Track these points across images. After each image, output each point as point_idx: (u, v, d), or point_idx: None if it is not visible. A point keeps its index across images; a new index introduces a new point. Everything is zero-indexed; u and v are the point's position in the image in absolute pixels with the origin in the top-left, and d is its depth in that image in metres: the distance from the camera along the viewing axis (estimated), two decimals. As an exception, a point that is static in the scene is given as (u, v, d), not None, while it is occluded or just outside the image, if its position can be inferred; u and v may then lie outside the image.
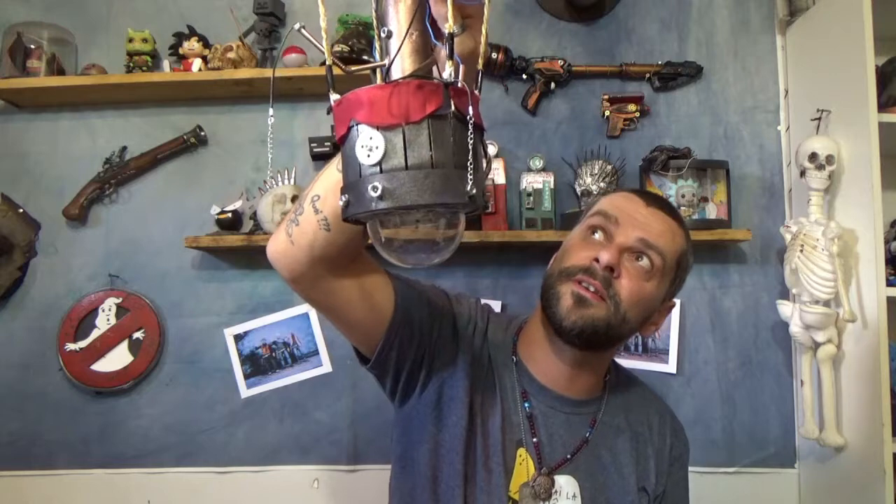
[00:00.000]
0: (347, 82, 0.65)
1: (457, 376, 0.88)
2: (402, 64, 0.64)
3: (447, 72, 0.61)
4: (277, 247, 0.74)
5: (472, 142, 0.59)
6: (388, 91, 0.60)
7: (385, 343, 0.83)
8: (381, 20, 0.66)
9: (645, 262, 0.84)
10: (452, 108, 0.59)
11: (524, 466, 0.87)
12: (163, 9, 1.72)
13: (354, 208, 0.63)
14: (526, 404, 0.90)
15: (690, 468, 1.03)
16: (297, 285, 0.76)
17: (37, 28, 1.64)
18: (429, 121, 0.60)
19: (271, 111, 1.16)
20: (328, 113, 0.71)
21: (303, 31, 0.67)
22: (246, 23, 1.66)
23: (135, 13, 1.72)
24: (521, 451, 0.88)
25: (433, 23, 0.65)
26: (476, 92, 0.65)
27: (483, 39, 0.62)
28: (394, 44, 0.64)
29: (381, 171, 0.60)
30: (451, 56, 0.60)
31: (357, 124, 0.63)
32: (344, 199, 0.63)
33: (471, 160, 0.58)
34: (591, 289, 0.81)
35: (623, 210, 0.86)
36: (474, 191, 0.58)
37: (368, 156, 0.61)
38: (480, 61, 0.69)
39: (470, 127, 0.58)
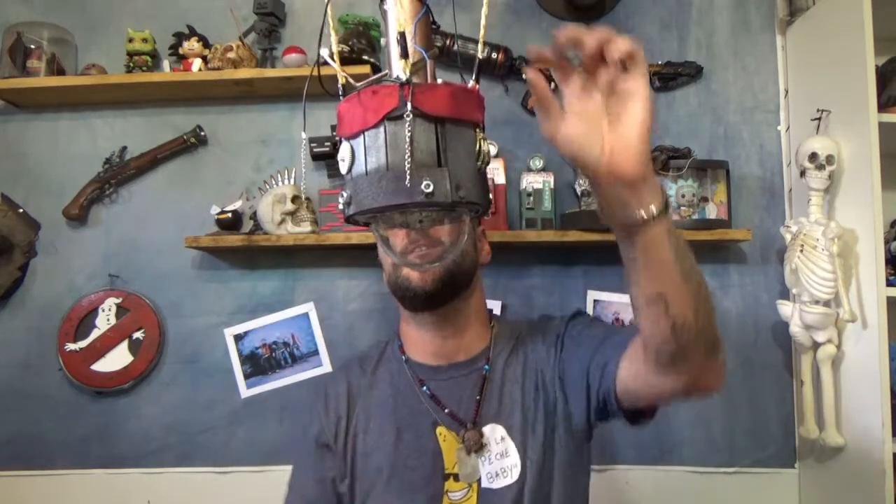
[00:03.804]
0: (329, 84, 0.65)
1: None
2: (405, 69, 0.64)
3: (399, 70, 0.61)
4: None
5: (409, 135, 0.57)
6: (350, 102, 0.62)
7: None
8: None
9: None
10: (410, 106, 0.59)
11: (449, 441, 0.94)
12: (163, 9, 1.72)
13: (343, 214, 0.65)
14: (424, 388, 0.98)
15: (690, 468, 1.03)
16: None
17: (37, 28, 1.64)
18: (385, 124, 0.60)
19: (304, 133, 1.21)
20: None
21: (328, 59, 0.69)
22: (246, 23, 1.66)
23: (135, 13, 1.72)
24: (440, 430, 0.95)
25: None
26: (472, 84, 0.65)
27: (482, 31, 0.62)
28: (391, 50, 0.65)
29: (352, 179, 0.63)
30: (404, 55, 0.60)
31: (339, 138, 0.65)
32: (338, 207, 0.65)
33: (411, 155, 0.57)
34: (422, 250, 0.88)
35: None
36: (430, 188, 0.58)
37: (342, 166, 0.63)
38: (480, 45, 0.68)
39: (408, 121, 0.58)
